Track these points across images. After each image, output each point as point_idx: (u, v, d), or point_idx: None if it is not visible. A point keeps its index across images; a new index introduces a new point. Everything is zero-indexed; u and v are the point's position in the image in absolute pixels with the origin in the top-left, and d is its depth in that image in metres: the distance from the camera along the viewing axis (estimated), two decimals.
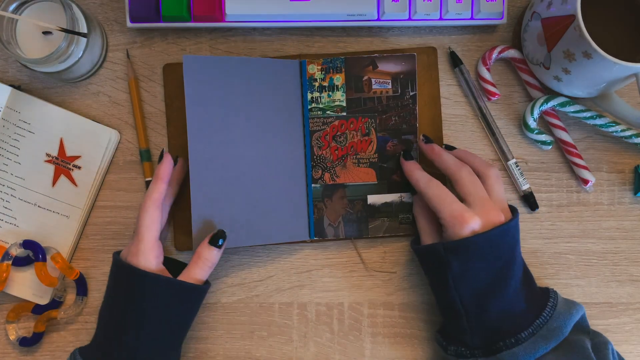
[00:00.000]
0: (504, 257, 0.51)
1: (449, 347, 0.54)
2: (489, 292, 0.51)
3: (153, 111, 0.61)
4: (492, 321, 0.51)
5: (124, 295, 0.52)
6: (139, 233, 0.53)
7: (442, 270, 0.51)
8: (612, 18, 0.54)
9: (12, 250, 0.57)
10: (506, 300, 0.51)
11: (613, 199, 0.61)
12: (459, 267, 0.50)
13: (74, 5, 0.55)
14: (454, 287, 0.51)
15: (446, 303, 0.53)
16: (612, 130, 0.59)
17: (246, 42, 0.61)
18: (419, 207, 0.56)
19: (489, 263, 0.51)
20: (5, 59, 0.61)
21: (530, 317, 0.51)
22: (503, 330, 0.51)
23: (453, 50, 0.60)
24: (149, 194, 0.53)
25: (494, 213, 0.51)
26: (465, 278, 0.51)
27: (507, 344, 0.50)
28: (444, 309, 0.54)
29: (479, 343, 0.52)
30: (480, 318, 0.51)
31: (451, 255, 0.50)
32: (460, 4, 0.58)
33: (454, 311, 0.52)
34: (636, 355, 0.60)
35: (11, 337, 0.58)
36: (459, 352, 0.53)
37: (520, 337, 0.50)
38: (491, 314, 0.51)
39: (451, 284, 0.51)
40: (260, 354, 0.60)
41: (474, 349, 0.52)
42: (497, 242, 0.51)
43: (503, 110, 0.61)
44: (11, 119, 0.58)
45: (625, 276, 0.61)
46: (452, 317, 0.53)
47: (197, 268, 0.53)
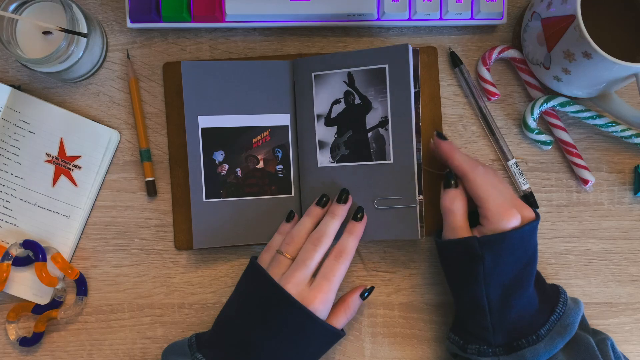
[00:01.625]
0: (529, 253, 0.51)
1: (469, 345, 0.52)
2: (513, 288, 0.51)
3: (153, 111, 0.61)
4: (514, 318, 0.51)
5: (259, 308, 0.52)
6: (333, 282, 0.52)
7: (474, 264, 0.50)
8: (612, 18, 0.54)
9: (12, 250, 0.57)
10: (526, 297, 0.51)
11: (613, 199, 0.61)
12: (491, 261, 0.50)
13: (74, 5, 0.55)
14: (484, 282, 0.50)
15: (470, 299, 0.52)
16: (612, 130, 0.59)
17: (246, 42, 0.61)
18: (456, 202, 0.52)
19: (517, 258, 0.50)
20: (5, 59, 0.61)
21: (546, 313, 0.51)
22: (523, 327, 0.51)
23: (453, 51, 0.60)
24: (352, 250, 0.53)
25: (527, 210, 0.52)
26: (494, 273, 0.50)
27: (529, 340, 0.50)
28: (467, 305, 0.53)
29: (501, 340, 0.51)
30: (503, 315, 0.51)
31: (486, 250, 0.50)
32: (460, 4, 0.58)
33: (478, 308, 0.51)
34: (636, 355, 0.60)
35: (11, 337, 0.58)
36: (481, 350, 0.51)
37: (540, 333, 0.50)
38: (513, 311, 0.51)
39: (481, 279, 0.50)
40: None
41: (496, 347, 0.51)
42: (527, 239, 0.51)
43: (503, 110, 0.61)
44: (11, 119, 0.58)
45: (625, 276, 0.61)
46: (474, 314, 0.52)
47: (344, 317, 0.54)
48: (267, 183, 0.58)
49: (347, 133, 0.57)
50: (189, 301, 0.60)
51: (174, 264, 0.60)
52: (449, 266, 0.54)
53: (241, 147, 0.57)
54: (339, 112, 0.57)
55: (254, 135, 0.58)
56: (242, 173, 0.58)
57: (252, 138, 0.58)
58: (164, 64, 0.60)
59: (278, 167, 0.58)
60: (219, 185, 0.57)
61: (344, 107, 0.57)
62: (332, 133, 0.57)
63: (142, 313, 0.60)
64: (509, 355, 0.50)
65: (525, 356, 0.50)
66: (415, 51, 0.56)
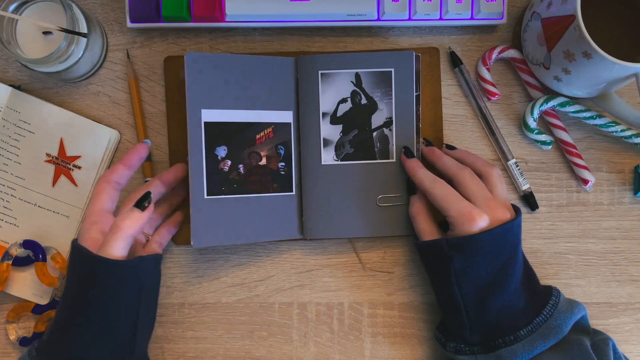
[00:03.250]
0: (505, 255, 0.51)
1: (448, 343, 0.54)
2: (490, 289, 0.51)
3: (153, 111, 0.61)
4: (492, 318, 0.51)
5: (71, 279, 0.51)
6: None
7: (444, 266, 0.51)
8: (612, 18, 0.54)
9: (12, 250, 0.57)
10: (506, 298, 0.51)
11: (613, 199, 0.61)
12: (461, 263, 0.51)
13: (74, 5, 0.55)
14: (456, 283, 0.51)
15: (447, 299, 0.53)
16: (612, 130, 0.59)
17: (246, 42, 0.61)
18: (417, 207, 0.56)
19: (491, 260, 0.51)
20: (5, 59, 0.61)
21: (530, 315, 0.51)
22: (502, 327, 0.51)
23: (453, 51, 0.60)
24: (103, 174, 0.54)
25: (500, 211, 0.51)
26: (467, 274, 0.51)
27: (506, 341, 0.50)
28: (444, 305, 0.54)
29: (478, 339, 0.52)
30: (480, 315, 0.51)
31: (454, 252, 0.51)
32: (460, 4, 0.58)
33: (454, 307, 0.52)
34: (636, 355, 0.60)
35: (11, 337, 0.58)
36: (458, 348, 0.53)
37: (519, 334, 0.50)
38: (491, 311, 0.51)
39: (453, 280, 0.51)
40: (260, 354, 0.60)
41: (473, 345, 0.52)
42: (500, 240, 0.51)
43: (503, 110, 0.61)
44: (11, 119, 0.58)
45: (625, 276, 0.61)
46: (452, 313, 0.53)
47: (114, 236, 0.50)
48: (269, 180, 0.58)
49: (353, 132, 0.57)
50: (189, 301, 0.60)
51: (174, 264, 0.60)
52: (426, 267, 0.56)
53: (245, 143, 0.57)
54: (345, 111, 0.57)
55: (258, 131, 0.57)
56: (245, 170, 0.57)
57: (256, 134, 0.57)
58: (165, 58, 0.60)
59: (280, 164, 0.58)
60: (221, 181, 0.56)
61: (350, 107, 0.57)
62: (337, 131, 0.57)
63: None
64: (487, 355, 0.51)
65: (502, 356, 0.50)
66: (417, 57, 0.58)
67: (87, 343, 0.49)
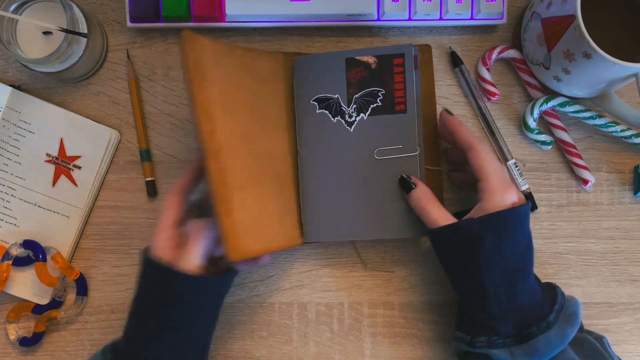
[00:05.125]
0: (526, 237, 0.50)
1: (477, 338, 0.49)
2: (517, 273, 0.49)
3: (153, 111, 0.61)
4: (522, 306, 0.49)
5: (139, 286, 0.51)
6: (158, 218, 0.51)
7: (474, 248, 0.48)
8: (612, 18, 0.54)
9: (12, 250, 0.57)
10: (530, 285, 0.50)
11: (613, 199, 0.61)
12: (492, 242, 0.48)
13: (74, 5, 0.55)
14: (486, 267, 0.48)
15: (475, 286, 0.49)
16: (612, 130, 0.59)
17: (246, 42, 0.61)
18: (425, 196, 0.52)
19: (517, 241, 0.49)
20: (6, 59, 0.61)
21: (548, 302, 0.50)
22: (532, 315, 0.49)
23: (453, 50, 0.60)
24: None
25: (520, 193, 0.51)
26: (496, 256, 0.48)
27: (540, 327, 0.48)
28: (471, 295, 0.50)
29: (510, 330, 0.48)
30: (511, 301, 0.48)
31: (486, 231, 0.48)
32: (460, 4, 0.58)
33: (483, 295, 0.49)
34: (636, 355, 0.60)
35: (11, 337, 0.58)
36: (491, 341, 0.48)
37: (550, 320, 0.48)
38: (521, 297, 0.49)
39: (483, 263, 0.48)
40: (260, 354, 0.60)
41: (506, 337, 0.48)
42: (525, 219, 0.50)
43: (503, 110, 0.61)
44: (11, 119, 0.58)
45: (625, 276, 0.61)
46: (479, 303, 0.49)
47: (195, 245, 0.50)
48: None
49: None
50: None
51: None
52: (447, 255, 0.51)
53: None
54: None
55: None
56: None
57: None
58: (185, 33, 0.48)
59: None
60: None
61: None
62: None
63: None
64: (520, 346, 0.48)
65: (538, 346, 0.47)
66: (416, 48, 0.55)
67: (168, 352, 0.50)
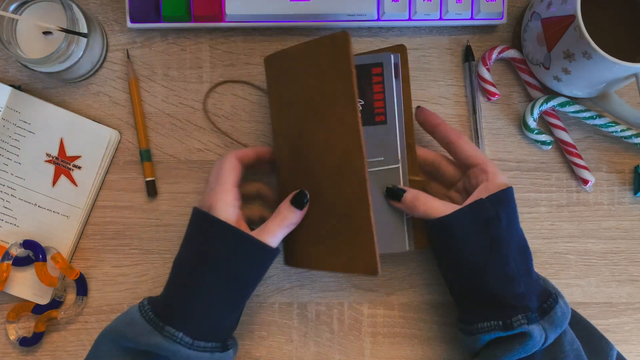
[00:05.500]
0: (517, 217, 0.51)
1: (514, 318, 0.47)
2: (526, 250, 0.50)
3: (153, 111, 0.61)
4: (536, 280, 0.50)
5: (195, 242, 0.51)
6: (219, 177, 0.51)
7: (492, 228, 0.48)
8: (612, 18, 0.54)
9: (12, 250, 0.57)
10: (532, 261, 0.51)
11: (613, 199, 0.61)
12: (507, 220, 0.48)
13: (74, 5, 0.55)
14: (507, 246, 0.48)
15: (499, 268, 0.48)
16: (612, 130, 0.59)
17: (246, 42, 0.61)
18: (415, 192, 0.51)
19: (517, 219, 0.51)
20: (5, 59, 0.61)
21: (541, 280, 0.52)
22: (541, 288, 0.50)
23: (469, 45, 0.60)
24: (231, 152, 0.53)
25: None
26: (512, 233, 0.49)
27: (554, 297, 0.49)
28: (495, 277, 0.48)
29: (537, 304, 0.49)
30: (530, 277, 0.50)
31: (500, 209, 0.48)
32: (460, 4, 0.58)
33: (511, 275, 0.48)
34: (636, 355, 0.60)
35: (11, 337, 0.58)
36: (530, 317, 0.47)
37: (553, 292, 0.50)
38: (533, 273, 0.50)
39: (505, 242, 0.48)
40: (260, 354, 0.60)
41: (536, 311, 0.48)
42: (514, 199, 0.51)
43: (503, 110, 0.61)
44: (11, 119, 0.58)
45: (625, 276, 0.61)
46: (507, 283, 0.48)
47: (274, 223, 0.51)
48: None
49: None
50: None
51: None
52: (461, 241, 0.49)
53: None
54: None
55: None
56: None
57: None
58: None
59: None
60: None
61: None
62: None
63: None
64: (545, 318, 0.48)
65: (558, 316, 0.48)
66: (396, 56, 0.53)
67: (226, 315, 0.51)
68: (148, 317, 0.49)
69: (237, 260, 0.50)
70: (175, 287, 0.51)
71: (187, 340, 0.48)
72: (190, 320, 0.49)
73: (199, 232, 0.51)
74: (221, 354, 0.50)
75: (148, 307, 0.50)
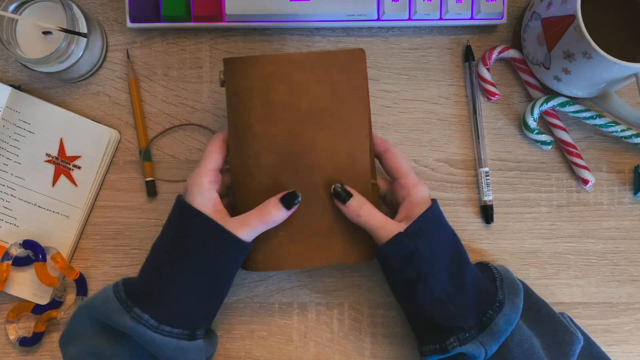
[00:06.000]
0: (449, 229, 0.52)
1: (447, 341, 0.49)
2: (458, 265, 0.50)
3: (153, 111, 0.61)
4: (472, 294, 0.50)
5: (172, 228, 0.51)
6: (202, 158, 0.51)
7: (413, 261, 0.49)
8: (612, 18, 0.54)
9: (12, 250, 0.57)
10: (471, 270, 0.51)
11: (613, 199, 0.61)
12: (427, 249, 0.49)
13: (74, 5, 0.55)
14: (430, 273, 0.49)
15: (427, 297, 0.49)
16: (612, 130, 0.59)
17: (246, 42, 0.61)
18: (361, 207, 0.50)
19: (445, 236, 0.51)
20: (5, 59, 0.61)
21: (489, 279, 0.52)
22: (483, 298, 0.50)
23: (469, 45, 0.60)
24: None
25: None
26: (435, 259, 0.49)
27: (494, 309, 0.49)
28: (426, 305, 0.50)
29: (473, 321, 0.49)
30: (462, 295, 0.49)
31: (418, 240, 0.49)
32: (460, 4, 0.58)
33: (439, 300, 0.49)
34: (636, 355, 0.60)
35: (11, 337, 0.58)
36: (462, 338, 0.48)
37: (500, 299, 0.50)
38: (468, 287, 0.50)
39: (427, 271, 0.49)
40: (260, 354, 0.60)
41: (471, 329, 0.49)
42: (441, 215, 0.52)
43: (503, 110, 0.61)
44: (11, 119, 0.58)
45: (625, 276, 0.61)
46: (436, 308, 0.49)
47: (255, 218, 0.49)
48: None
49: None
50: None
51: None
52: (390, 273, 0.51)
53: None
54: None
55: None
56: None
57: None
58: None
59: None
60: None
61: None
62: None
63: None
64: (484, 332, 0.48)
65: (499, 326, 0.48)
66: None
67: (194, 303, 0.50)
68: (120, 297, 0.49)
69: (208, 250, 0.49)
70: (148, 270, 0.51)
71: (152, 323, 0.48)
72: (158, 304, 0.49)
73: (176, 219, 0.51)
74: (188, 342, 0.49)
75: (121, 287, 0.50)
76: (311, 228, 0.52)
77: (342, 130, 0.51)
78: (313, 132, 0.51)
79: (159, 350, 0.48)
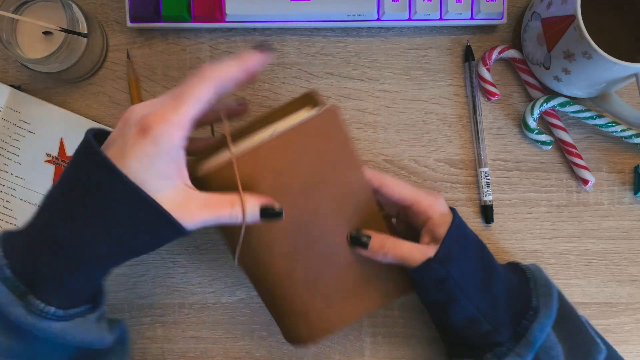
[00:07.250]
0: (474, 237, 0.51)
1: (484, 357, 0.49)
2: (487, 275, 0.49)
3: None
4: (505, 305, 0.49)
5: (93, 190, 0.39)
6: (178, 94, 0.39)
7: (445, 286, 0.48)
8: (612, 18, 0.54)
9: None
10: (502, 278, 0.50)
11: (613, 199, 0.61)
12: (458, 271, 0.48)
13: (74, 5, 0.55)
14: (463, 294, 0.48)
15: (461, 318, 0.49)
16: (612, 130, 0.59)
17: (246, 42, 0.61)
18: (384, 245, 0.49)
19: (472, 249, 0.50)
20: (5, 59, 0.61)
21: (524, 284, 0.51)
22: (517, 307, 0.49)
23: (469, 45, 0.60)
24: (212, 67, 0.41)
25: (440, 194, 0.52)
26: (466, 279, 0.48)
27: (529, 317, 0.48)
28: (462, 326, 0.49)
29: (508, 333, 0.48)
30: (495, 309, 0.48)
31: (449, 266, 0.48)
32: (460, 4, 0.58)
33: (473, 320, 0.49)
34: (636, 355, 0.60)
35: None
36: (499, 353, 0.48)
37: (533, 305, 0.49)
38: (500, 299, 0.49)
39: (459, 293, 0.48)
40: (260, 354, 0.60)
41: (507, 342, 0.48)
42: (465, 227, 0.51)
43: (503, 110, 0.61)
44: (11, 119, 0.58)
45: (625, 276, 0.61)
46: (471, 328, 0.49)
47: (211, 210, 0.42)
48: None
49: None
50: (189, 301, 0.60)
51: (174, 264, 0.60)
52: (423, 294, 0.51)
53: None
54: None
55: None
56: None
57: None
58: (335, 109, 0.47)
59: None
60: None
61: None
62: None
63: (142, 313, 0.60)
64: (520, 342, 0.48)
65: (534, 335, 0.47)
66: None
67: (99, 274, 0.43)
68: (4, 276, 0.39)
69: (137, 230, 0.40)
70: (42, 239, 0.40)
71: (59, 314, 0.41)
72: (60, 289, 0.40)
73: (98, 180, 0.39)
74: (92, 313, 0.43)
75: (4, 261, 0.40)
76: (344, 286, 0.51)
77: (340, 187, 0.49)
78: (313, 203, 0.49)
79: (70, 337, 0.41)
